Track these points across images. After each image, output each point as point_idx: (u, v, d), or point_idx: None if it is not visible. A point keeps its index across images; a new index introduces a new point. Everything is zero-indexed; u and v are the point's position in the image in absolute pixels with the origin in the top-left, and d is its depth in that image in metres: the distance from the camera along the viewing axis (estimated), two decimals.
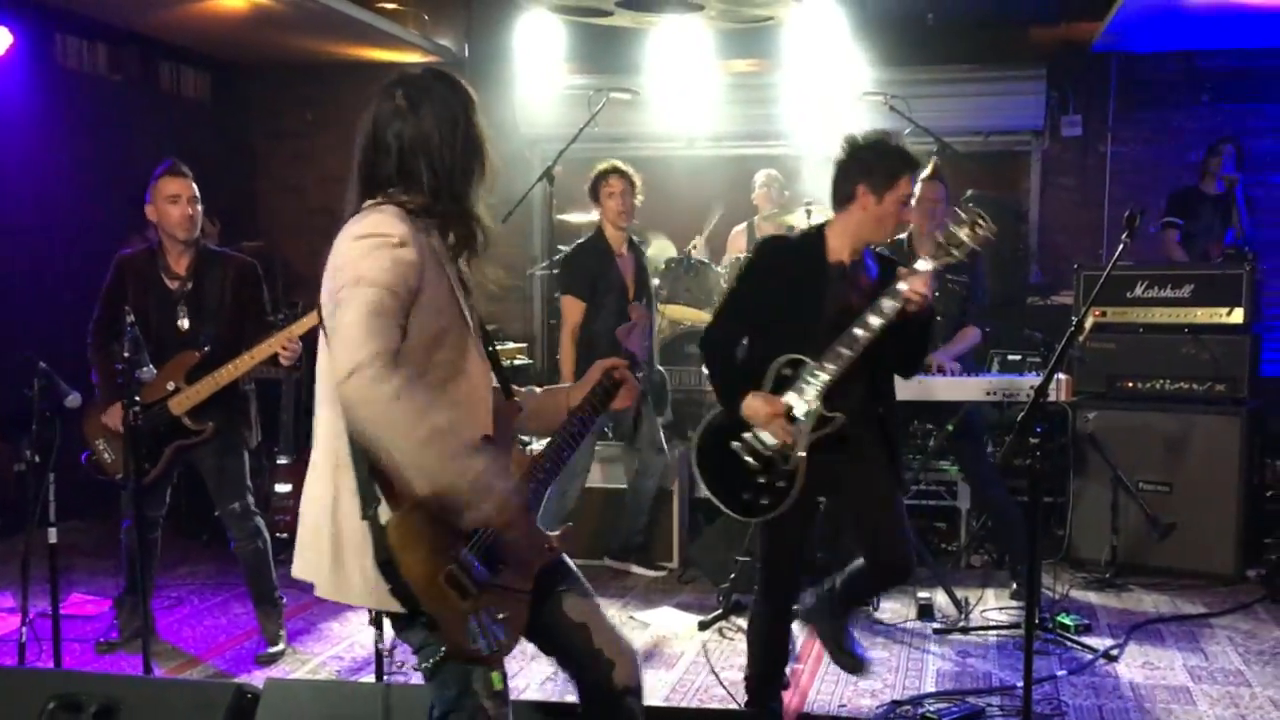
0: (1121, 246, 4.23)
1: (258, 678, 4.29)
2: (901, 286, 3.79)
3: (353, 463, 2.60)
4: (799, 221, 7.28)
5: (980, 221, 3.85)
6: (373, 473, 2.56)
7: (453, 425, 2.51)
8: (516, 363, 6.66)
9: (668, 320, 7.08)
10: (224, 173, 8.76)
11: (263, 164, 9.81)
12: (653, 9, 7.82)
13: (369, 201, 2.68)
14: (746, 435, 3.91)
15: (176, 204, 4.90)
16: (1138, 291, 6.56)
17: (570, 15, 8.17)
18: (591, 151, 8.28)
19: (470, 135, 2.72)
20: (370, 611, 2.83)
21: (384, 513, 2.55)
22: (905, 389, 5.63)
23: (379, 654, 3.94)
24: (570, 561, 3.00)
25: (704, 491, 4.14)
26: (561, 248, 7.58)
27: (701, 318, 6.98)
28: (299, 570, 2.79)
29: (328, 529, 2.68)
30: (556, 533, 2.94)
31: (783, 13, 7.87)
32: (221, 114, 9.42)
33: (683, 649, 5.36)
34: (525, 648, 2.97)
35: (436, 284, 2.61)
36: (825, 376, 3.81)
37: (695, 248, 7.80)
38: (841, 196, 4.06)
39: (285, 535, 6.58)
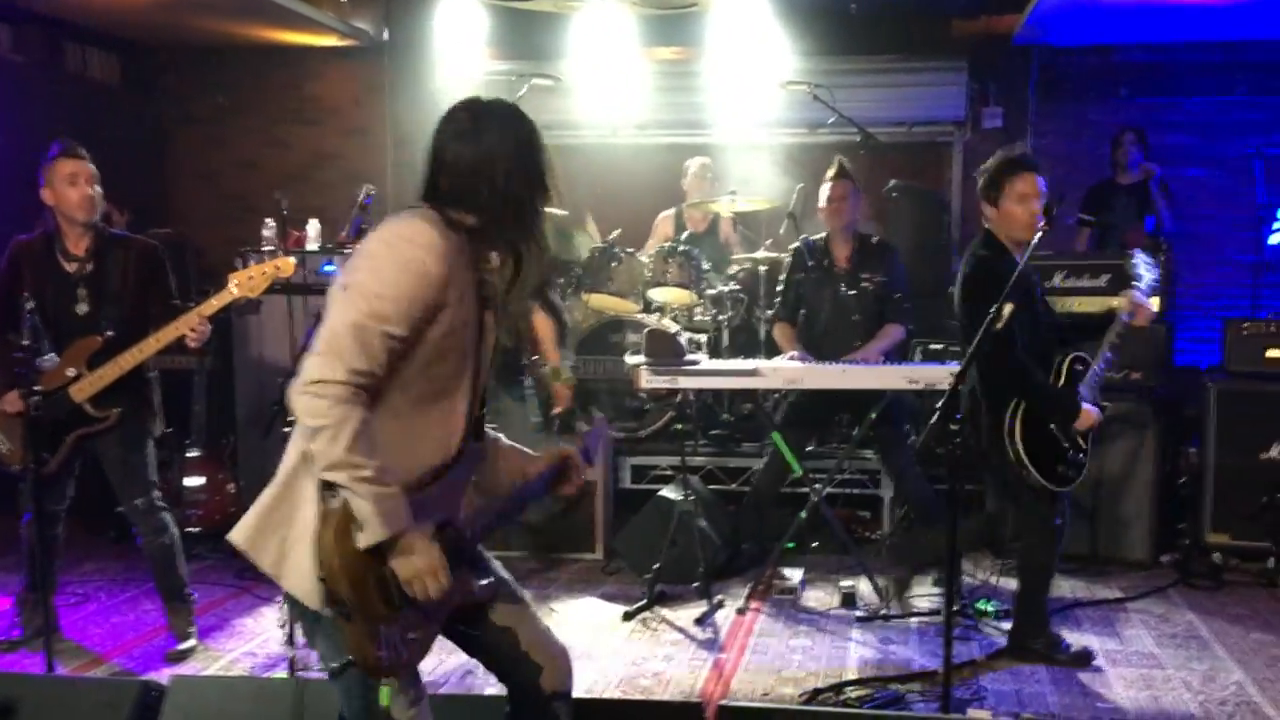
0: (1038, 235, 4.25)
1: (167, 676, 4.17)
2: (1126, 318, 4.76)
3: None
4: (724, 208, 7.25)
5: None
6: None
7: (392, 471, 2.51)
8: None
9: (591, 310, 7.02)
10: (134, 159, 8.57)
11: (174, 150, 9.58)
12: None
13: (413, 206, 2.64)
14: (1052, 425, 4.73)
15: (75, 185, 4.76)
16: (1056, 281, 6.60)
17: None
18: None
19: (531, 162, 2.69)
20: (282, 609, 2.75)
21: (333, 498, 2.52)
22: (827, 378, 5.68)
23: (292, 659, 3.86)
24: (498, 564, 2.97)
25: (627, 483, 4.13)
26: None
27: (625, 307, 6.93)
28: (238, 535, 2.68)
29: (285, 505, 2.63)
30: (484, 582, 2.88)
31: (705, 0, 7.83)
32: (131, 98, 9.18)
33: (606, 640, 5.32)
34: (445, 643, 2.92)
35: (458, 306, 2.59)
36: (1101, 373, 4.82)
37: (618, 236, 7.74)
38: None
39: (197, 530, 6.47)
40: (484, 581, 2.87)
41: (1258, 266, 7.85)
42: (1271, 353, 6.35)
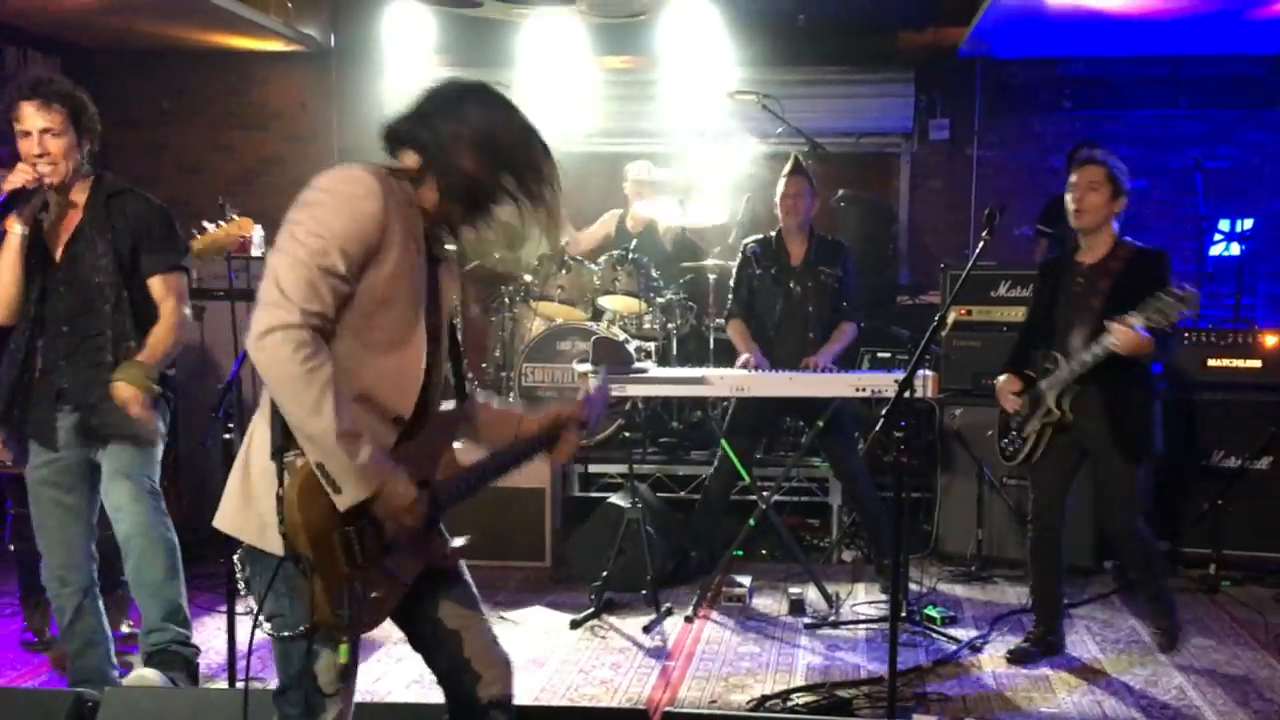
0: (982, 245, 4.29)
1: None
2: (1112, 340, 4.63)
3: (272, 405, 2.53)
4: (673, 215, 7.24)
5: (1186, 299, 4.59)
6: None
7: (353, 418, 2.47)
8: None
9: (540, 317, 7.00)
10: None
11: (115, 154, 9.42)
12: (523, 2, 7.73)
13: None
14: None
15: None
16: (1001, 291, 6.67)
17: (439, 5, 8.03)
18: None
19: (503, 151, 2.68)
20: (236, 564, 2.68)
21: (298, 457, 2.49)
22: (775, 386, 5.69)
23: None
24: (465, 570, 2.93)
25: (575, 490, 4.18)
26: None
27: (573, 315, 6.91)
28: (220, 522, 2.67)
29: (242, 465, 2.64)
30: (459, 542, 2.87)
31: (655, 9, 7.84)
32: None
33: (554, 648, 5.29)
34: (392, 651, 2.90)
35: (402, 249, 2.55)
36: (1066, 378, 4.85)
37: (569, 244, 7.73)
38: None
39: None
40: (456, 543, 2.85)
41: (1200, 277, 7.95)
42: (1213, 362, 6.44)
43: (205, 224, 6.80)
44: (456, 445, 2.89)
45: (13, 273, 4.06)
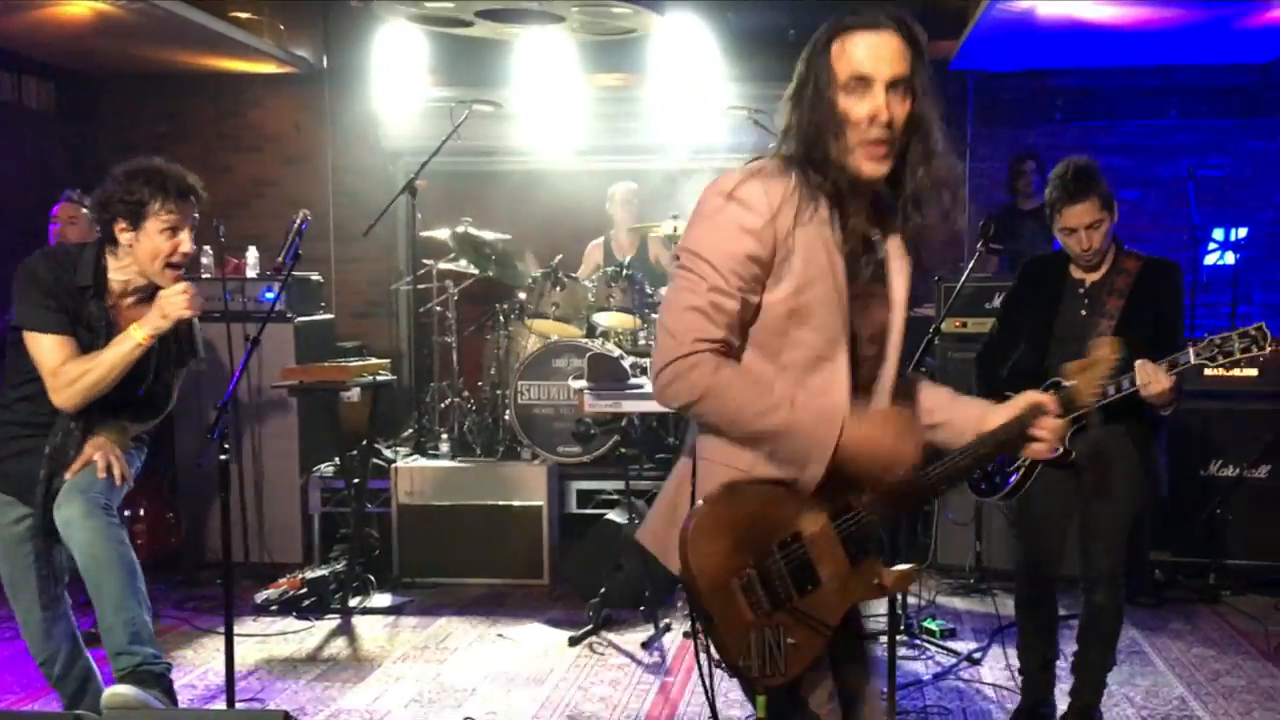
0: (975, 257, 4.28)
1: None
2: (1138, 379, 3.95)
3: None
4: (667, 233, 7.26)
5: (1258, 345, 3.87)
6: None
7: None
8: (380, 378, 6.52)
9: (535, 335, 7.01)
10: (72, 187, 8.43)
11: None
12: (513, 20, 7.75)
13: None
14: None
15: None
16: (995, 302, 6.66)
17: (430, 26, 8.05)
18: (455, 165, 8.23)
19: (814, 75, 2.36)
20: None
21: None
22: None
23: None
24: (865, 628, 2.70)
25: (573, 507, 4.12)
26: (427, 261, 7.48)
27: (568, 332, 6.92)
28: (644, 537, 2.61)
29: (672, 485, 2.55)
30: (905, 567, 2.51)
31: (646, 26, 7.87)
32: (68, 125, 9.06)
33: (553, 665, 5.28)
34: (390, 670, 2.86)
35: (809, 251, 2.32)
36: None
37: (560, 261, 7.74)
38: None
39: None
40: (899, 567, 2.49)
41: (1195, 286, 7.95)
42: (1210, 371, 6.43)
43: (205, 248, 6.86)
44: None
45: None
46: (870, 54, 2.30)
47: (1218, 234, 8.49)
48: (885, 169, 2.35)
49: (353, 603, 6.13)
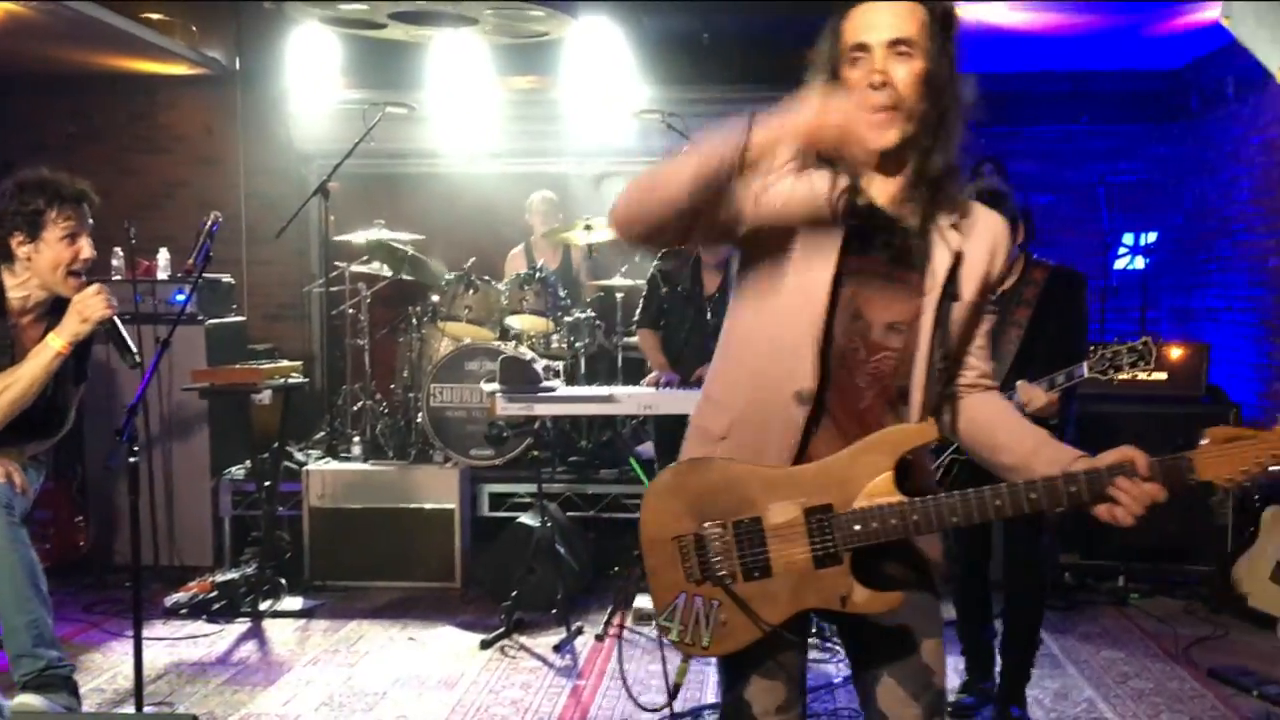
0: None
1: (7, 709, 4.06)
2: (1019, 397, 4.12)
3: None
4: (579, 238, 7.31)
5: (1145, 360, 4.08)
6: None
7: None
8: (291, 381, 6.50)
9: (448, 338, 7.02)
10: None
11: None
12: (426, 23, 7.75)
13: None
14: None
15: None
16: None
17: (343, 28, 8.03)
18: (369, 167, 8.22)
19: (827, 56, 2.38)
20: None
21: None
22: (684, 403, 5.73)
23: None
24: (924, 644, 2.42)
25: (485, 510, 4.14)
26: (339, 264, 7.45)
27: (481, 335, 6.94)
28: None
29: None
30: (887, 594, 2.25)
31: (560, 29, 7.90)
32: None
33: (464, 668, 5.31)
34: (301, 674, 2.87)
35: (793, 194, 2.34)
36: None
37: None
38: None
39: (45, 565, 6.26)
40: (881, 594, 2.26)
41: (1105, 291, 8.10)
42: (1119, 375, 6.58)
43: (116, 250, 6.80)
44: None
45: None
46: (866, 20, 2.27)
47: (1128, 239, 8.61)
48: (891, 136, 2.25)
49: (263, 606, 6.11)
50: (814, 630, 5.38)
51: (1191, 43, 7.66)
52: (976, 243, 2.37)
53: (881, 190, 2.33)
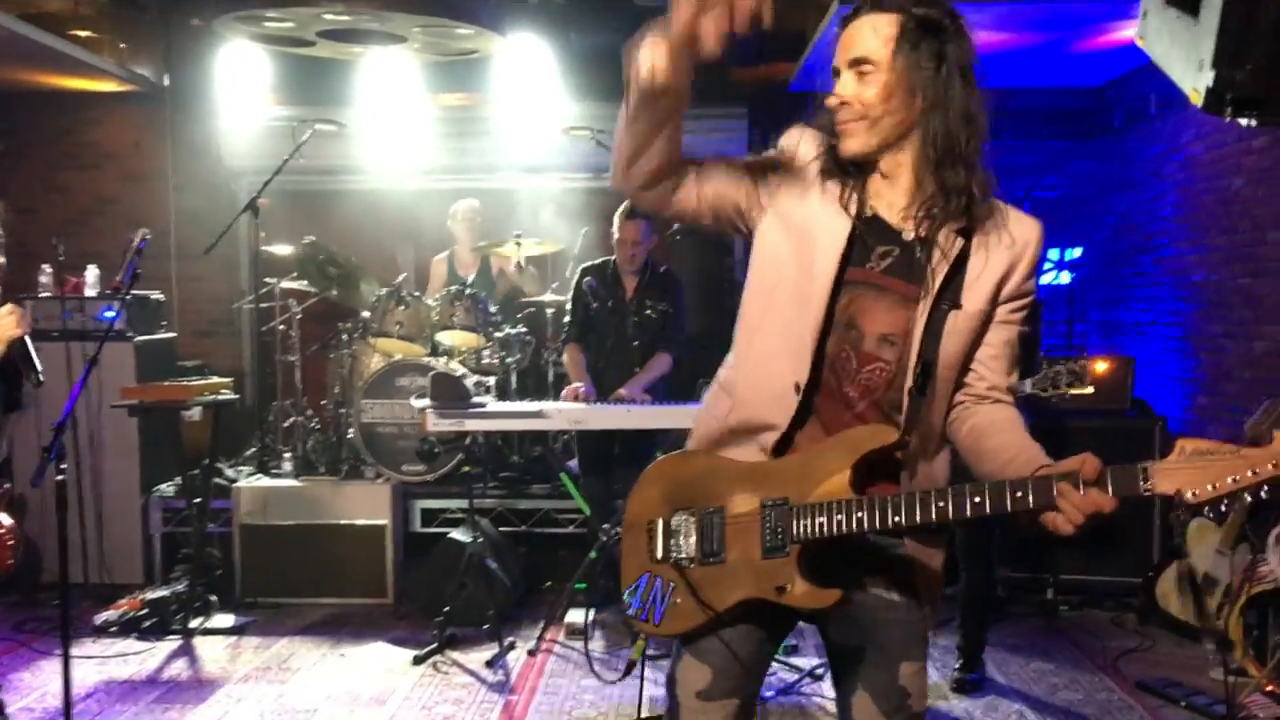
0: None
1: None
2: None
3: None
4: (509, 251, 7.36)
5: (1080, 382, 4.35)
6: None
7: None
8: (221, 397, 6.49)
9: (378, 354, 7.04)
10: None
11: None
12: (355, 40, 7.78)
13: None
14: None
15: None
16: None
17: (272, 45, 8.03)
18: (298, 184, 8.21)
19: None
20: None
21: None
22: (612, 419, 5.79)
23: None
24: (902, 663, 2.46)
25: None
26: (269, 280, 7.45)
27: (412, 351, 6.97)
28: None
29: None
30: (826, 591, 2.28)
31: (488, 47, 7.96)
32: None
33: (396, 685, 5.34)
34: (232, 692, 2.90)
35: (803, 195, 2.51)
36: None
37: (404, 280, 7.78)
38: None
39: None
40: (819, 590, 2.29)
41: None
42: (1056, 392, 6.71)
43: (44, 267, 6.76)
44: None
45: None
46: (841, 42, 2.38)
47: (1053, 254, 8.69)
48: (858, 144, 2.36)
49: (194, 623, 6.10)
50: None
51: (1114, 60, 7.74)
52: (995, 251, 2.40)
53: (889, 202, 2.43)
